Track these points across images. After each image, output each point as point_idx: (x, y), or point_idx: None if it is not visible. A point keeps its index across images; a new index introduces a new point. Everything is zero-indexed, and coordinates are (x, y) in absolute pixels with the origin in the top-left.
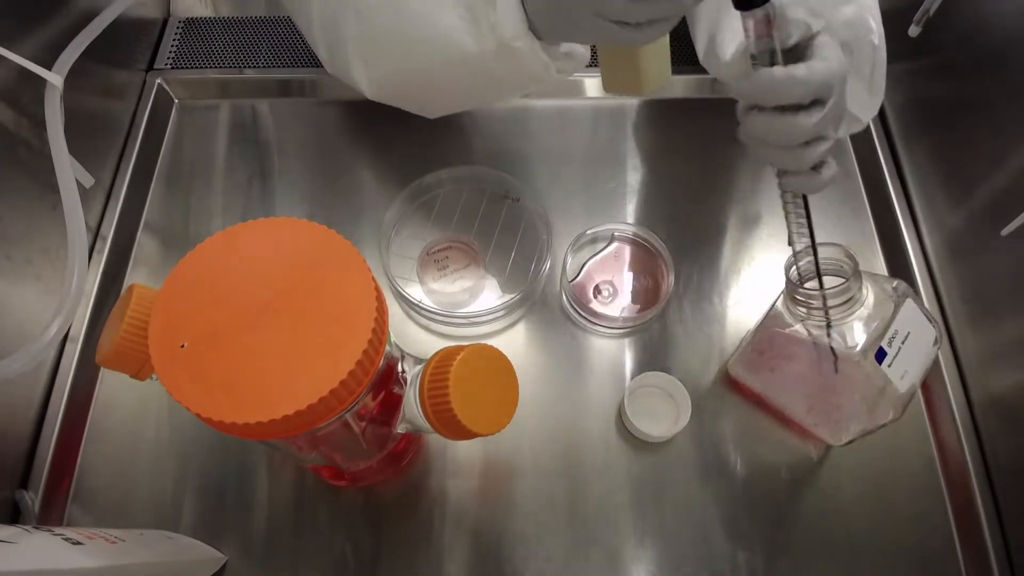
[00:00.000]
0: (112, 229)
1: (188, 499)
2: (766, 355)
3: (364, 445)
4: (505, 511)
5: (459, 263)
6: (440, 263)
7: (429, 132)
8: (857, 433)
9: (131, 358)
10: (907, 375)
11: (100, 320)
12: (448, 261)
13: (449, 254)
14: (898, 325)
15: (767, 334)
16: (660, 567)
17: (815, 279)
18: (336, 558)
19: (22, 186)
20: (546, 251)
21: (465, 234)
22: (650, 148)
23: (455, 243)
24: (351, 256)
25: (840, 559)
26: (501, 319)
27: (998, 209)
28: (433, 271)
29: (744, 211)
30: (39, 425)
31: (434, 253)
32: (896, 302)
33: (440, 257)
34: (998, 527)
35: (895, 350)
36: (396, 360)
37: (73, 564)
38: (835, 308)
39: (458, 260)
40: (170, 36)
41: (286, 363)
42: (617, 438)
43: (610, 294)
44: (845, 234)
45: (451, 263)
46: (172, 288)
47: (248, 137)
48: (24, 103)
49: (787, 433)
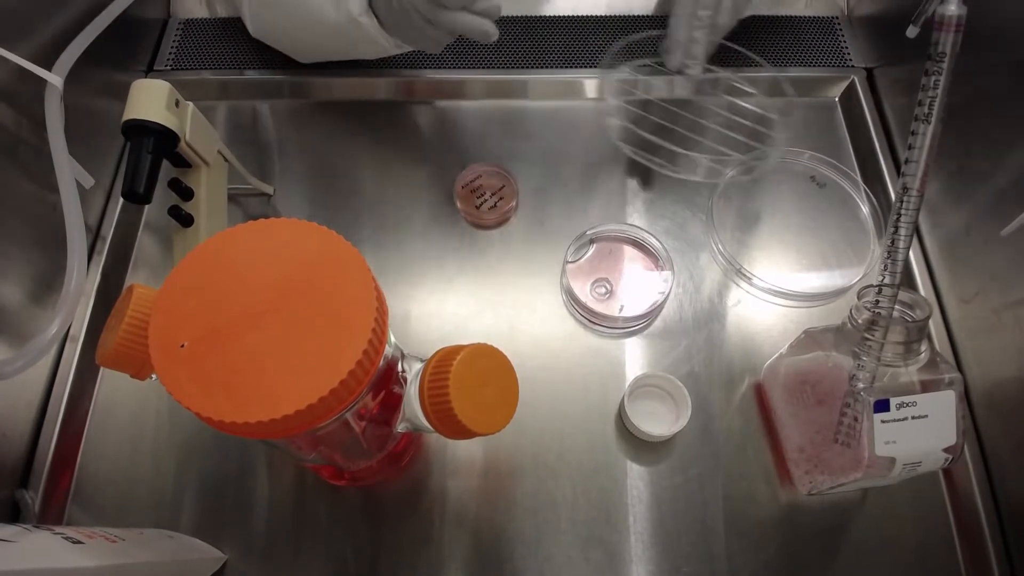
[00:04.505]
0: (112, 229)
1: (188, 499)
2: (807, 385)
3: (364, 445)
4: (505, 511)
5: (494, 187)
6: (477, 191)
7: (429, 132)
8: (824, 487)
9: (131, 358)
10: (896, 448)
11: (100, 320)
12: (483, 189)
13: (482, 182)
14: (923, 401)
15: (821, 369)
16: (660, 567)
17: (884, 319)
18: (336, 558)
19: (22, 186)
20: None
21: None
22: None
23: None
24: (351, 256)
25: (840, 559)
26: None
27: (998, 209)
28: (473, 200)
29: (744, 211)
30: (39, 425)
31: (469, 184)
32: (941, 383)
33: (475, 186)
34: (998, 527)
35: (901, 416)
36: (396, 360)
37: (73, 563)
38: (892, 346)
39: (492, 185)
40: (170, 37)
41: (286, 363)
42: (617, 438)
43: (608, 292)
44: (845, 234)
45: (487, 190)
46: (172, 288)
47: (248, 138)
48: (24, 103)
49: None
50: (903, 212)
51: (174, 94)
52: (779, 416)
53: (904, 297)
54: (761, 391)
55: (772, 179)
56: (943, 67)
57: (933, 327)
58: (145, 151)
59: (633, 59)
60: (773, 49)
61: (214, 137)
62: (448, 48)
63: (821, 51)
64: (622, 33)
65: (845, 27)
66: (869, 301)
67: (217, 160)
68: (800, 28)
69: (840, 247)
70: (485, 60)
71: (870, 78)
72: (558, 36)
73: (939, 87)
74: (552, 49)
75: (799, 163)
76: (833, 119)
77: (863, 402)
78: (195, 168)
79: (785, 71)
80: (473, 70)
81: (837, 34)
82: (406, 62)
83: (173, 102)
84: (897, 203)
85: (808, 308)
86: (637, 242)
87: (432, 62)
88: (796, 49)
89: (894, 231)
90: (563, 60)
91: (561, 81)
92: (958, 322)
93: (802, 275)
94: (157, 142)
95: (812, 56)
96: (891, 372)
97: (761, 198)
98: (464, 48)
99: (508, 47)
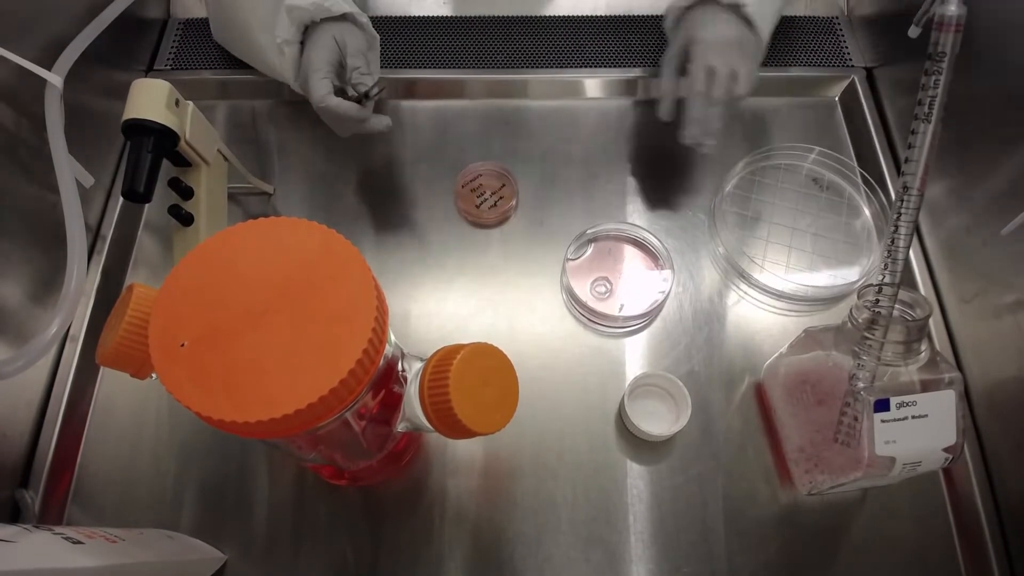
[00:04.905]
0: (112, 229)
1: (188, 499)
2: (807, 385)
3: (364, 444)
4: (505, 511)
5: (494, 187)
6: (477, 191)
7: (429, 132)
8: (824, 486)
9: (131, 358)
10: (896, 448)
11: (100, 320)
12: (483, 188)
13: (482, 181)
14: (923, 401)
15: (821, 369)
16: (660, 567)
17: (885, 318)
18: (336, 557)
19: (22, 186)
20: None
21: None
22: (650, 148)
23: (486, 171)
24: (351, 256)
25: (840, 559)
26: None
27: (998, 209)
28: (473, 199)
29: (744, 211)
30: (39, 425)
31: (469, 183)
32: (941, 382)
33: (475, 185)
34: (998, 527)
35: (901, 416)
36: (396, 359)
37: (73, 563)
38: (892, 345)
39: (492, 185)
40: (170, 36)
41: (286, 363)
42: (617, 438)
43: (608, 291)
44: (844, 234)
45: (487, 189)
46: (172, 288)
47: (247, 138)
48: (24, 103)
49: None
50: (903, 211)
51: (174, 93)
52: (779, 416)
53: (904, 296)
54: (761, 391)
55: (773, 179)
56: (943, 67)
57: (933, 327)
58: (145, 150)
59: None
60: (773, 49)
61: (214, 136)
62: (448, 48)
63: (821, 51)
64: (622, 33)
65: (845, 27)
66: (869, 300)
67: (217, 159)
68: (800, 28)
69: (840, 247)
70: (485, 60)
71: (870, 78)
72: (558, 36)
73: (939, 87)
74: (552, 49)
75: (800, 163)
76: (833, 119)
77: (863, 401)
78: (195, 167)
79: (785, 71)
80: (473, 70)
81: (837, 34)
82: (406, 62)
83: (173, 101)
84: (897, 202)
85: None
86: (637, 241)
87: (432, 62)
88: (796, 49)
89: (894, 230)
90: (563, 60)
91: (561, 81)
92: (958, 322)
93: (802, 275)
94: (157, 141)
95: (812, 56)
96: (891, 371)
97: (762, 198)
98: (464, 48)
99: (508, 47)
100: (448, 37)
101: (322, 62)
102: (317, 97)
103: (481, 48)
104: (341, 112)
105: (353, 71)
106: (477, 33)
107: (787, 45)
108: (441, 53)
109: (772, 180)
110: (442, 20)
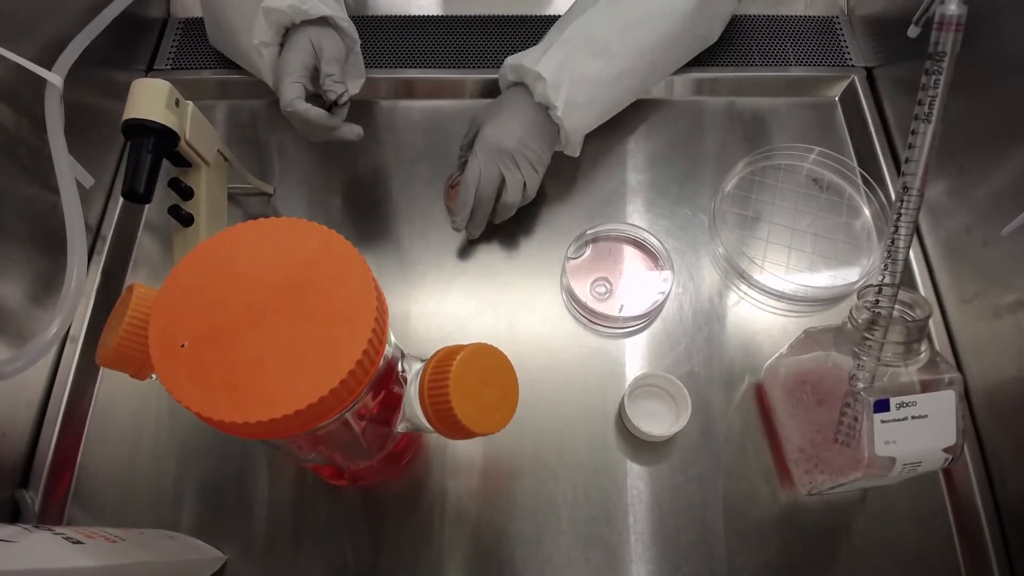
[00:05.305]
0: (112, 229)
1: (188, 499)
2: (807, 385)
3: (364, 445)
4: (505, 511)
5: None
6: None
7: (429, 132)
8: (824, 486)
9: (131, 358)
10: (896, 448)
11: (100, 320)
12: None
13: None
14: (923, 401)
15: (821, 369)
16: (660, 567)
17: (884, 319)
18: (336, 558)
19: (22, 186)
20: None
21: None
22: (650, 148)
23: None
24: (351, 256)
25: (840, 559)
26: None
27: (998, 209)
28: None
29: (744, 211)
30: (39, 425)
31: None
32: (941, 382)
33: (457, 181)
34: (998, 527)
35: (901, 416)
36: (396, 360)
37: (73, 563)
38: (892, 346)
39: None
40: (170, 36)
41: (286, 363)
42: (617, 438)
43: (608, 292)
44: (844, 234)
45: None
46: (172, 288)
47: (247, 137)
48: (24, 103)
49: None
50: (903, 211)
51: (174, 93)
52: (779, 416)
53: (904, 297)
54: (761, 391)
55: (773, 179)
56: (943, 66)
57: (933, 327)
58: (145, 150)
59: None
60: (773, 49)
61: (214, 136)
62: (448, 48)
63: (821, 51)
64: None
65: (845, 27)
66: (869, 301)
67: (217, 159)
68: (800, 28)
69: (840, 247)
70: (485, 60)
71: (870, 78)
72: None
73: (939, 86)
74: None
75: (800, 164)
76: (833, 119)
77: (863, 402)
78: (195, 167)
79: (785, 71)
80: (473, 70)
81: (837, 34)
82: (406, 62)
83: (173, 101)
84: (897, 202)
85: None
86: (637, 242)
87: (432, 62)
88: (796, 49)
89: (894, 230)
90: None
91: None
92: (958, 322)
93: (802, 276)
94: (157, 141)
95: (812, 56)
96: (891, 372)
97: (762, 198)
98: (464, 48)
99: (508, 47)
100: (448, 37)
101: (296, 65)
102: (285, 101)
103: (481, 48)
104: (310, 118)
105: (326, 78)
106: (477, 33)
107: (787, 45)
108: (441, 53)
109: (772, 180)
110: (441, 20)
